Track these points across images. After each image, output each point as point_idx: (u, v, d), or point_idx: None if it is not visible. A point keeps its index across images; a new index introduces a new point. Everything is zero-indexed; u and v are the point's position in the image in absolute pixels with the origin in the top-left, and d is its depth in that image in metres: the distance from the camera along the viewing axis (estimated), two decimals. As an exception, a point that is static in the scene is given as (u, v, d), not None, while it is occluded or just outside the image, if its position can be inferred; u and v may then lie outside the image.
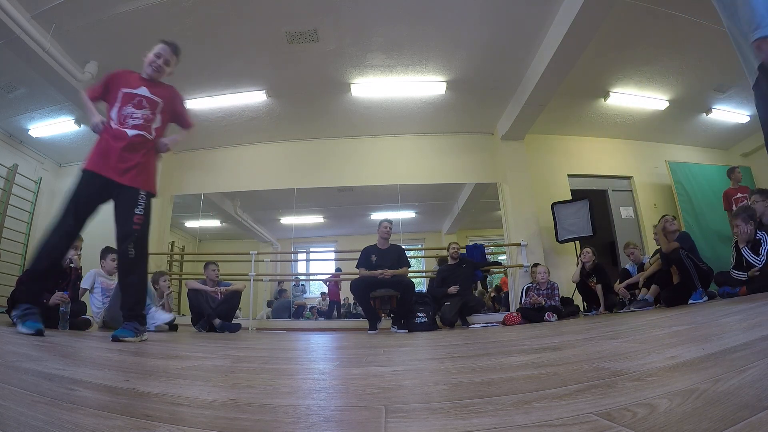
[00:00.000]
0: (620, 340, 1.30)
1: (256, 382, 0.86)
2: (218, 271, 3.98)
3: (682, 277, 3.39)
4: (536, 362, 1.00)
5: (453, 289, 4.31)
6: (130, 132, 2.14)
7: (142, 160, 2.15)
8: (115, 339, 1.87)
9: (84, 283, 3.44)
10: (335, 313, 6.26)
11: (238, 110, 5.21)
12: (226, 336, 3.13)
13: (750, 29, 1.37)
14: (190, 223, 6.68)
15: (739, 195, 4.85)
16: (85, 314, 3.23)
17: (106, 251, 3.66)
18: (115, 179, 2.06)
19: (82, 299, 3.31)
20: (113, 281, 3.57)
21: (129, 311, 2.02)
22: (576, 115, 5.57)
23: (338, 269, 6.88)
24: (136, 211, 2.06)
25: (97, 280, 3.50)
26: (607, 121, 5.71)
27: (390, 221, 4.17)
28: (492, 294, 6.36)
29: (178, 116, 2.40)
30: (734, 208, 4.84)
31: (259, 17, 3.70)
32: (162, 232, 5.76)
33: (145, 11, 3.51)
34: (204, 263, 4.01)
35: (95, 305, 3.42)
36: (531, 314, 4.11)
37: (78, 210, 2.00)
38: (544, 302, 4.19)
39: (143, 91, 2.22)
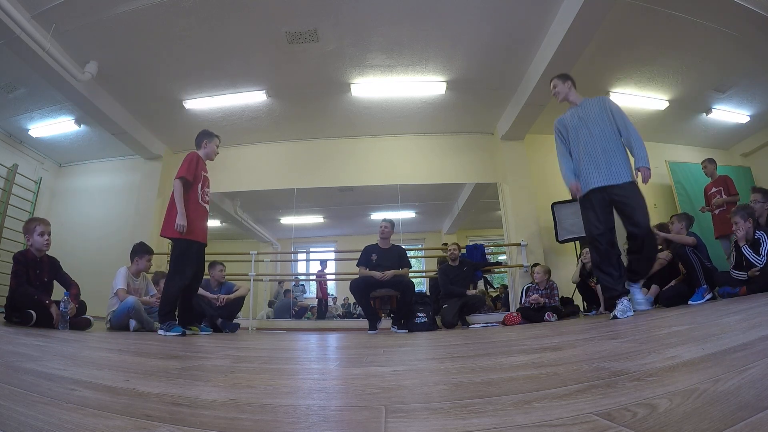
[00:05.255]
0: (620, 340, 1.30)
1: (256, 382, 0.86)
2: (224, 271, 3.98)
3: (686, 273, 3.38)
4: (536, 362, 1.00)
5: (473, 291, 4.36)
6: (207, 207, 3.14)
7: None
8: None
9: (120, 283, 3.31)
10: (324, 311, 6.25)
11: (238, 110, 5.21)
12: (226, 336, 3.13)
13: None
14: (190, 223, 6.66)
15: (713, 189, 4.64)
16: (85, 314, 3.22)
17: (144, 250, 3.54)
18: (203, 242, 3.08)
19: (82, 299, 3.28)
20: (138, 284, 3.52)
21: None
22: (576, 115, 5.57)
23: (323, 262, 6.88)
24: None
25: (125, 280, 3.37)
26: (607, 121, 5.70)
27: (389, 221, 4.14)
28: (493, 294, 6.36)
29: None
30: (711, 203, 4.65)
31: (259, 17, 3.70)
32: (162, 232, 5.76)
33: (145, 11, 3.51)
34: (209, 263, 3.99)
35: (111, 306, 3.31)
36: (531, 314, 4.11)
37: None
38: (544, 302, 4.18)
39: (206, 174, 3.19)
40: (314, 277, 6.85)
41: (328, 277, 6.65)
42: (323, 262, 6.96)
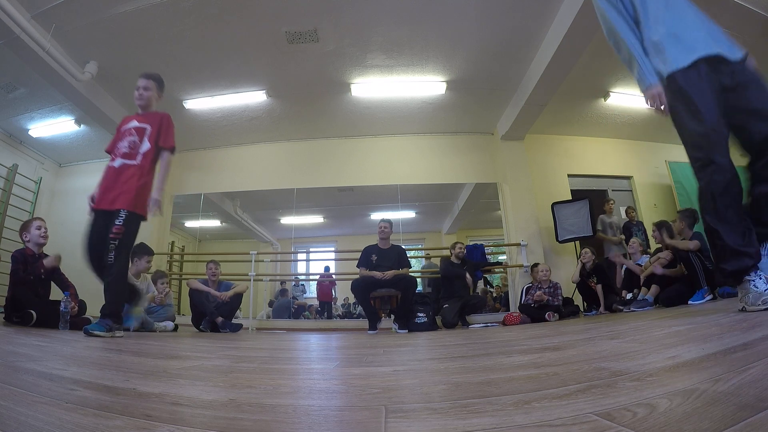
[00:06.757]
0: (620, 340, 1.30)
1: (256, 382, 0.86)
2: (219, 269, 3.96)
3: (688, 274, 3.38)
4: (536, 362, 0.99)
5: (469, 281, 4.40)
6: (117, 163, 2.41)
7: (125, 186, 2.34)
8: (87, 333, 2.06)
9: None
10: (326, 314, 6.25)
11: (238, 110, 5.21)
12: (226, 336, 3.13)
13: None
14: (190, 223, 6.68)
15: None
16: (85, 314, 3.23)
17: (143, 251, 3.53)
18: (105, 209, 2.32)
19: (82, 299, 3.27)
20: (139, 285, 3.52)
21: (102, 310, 2.20)
22: (576, 115, 5.57)
23: (326, 268, 6.88)
24: (116, 222, 2.24)
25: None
26: (607, 121, 5.71)
27: (388, 221, 4.15)
28: (494, 294, 6.37)
29: (160, 136, 2.47)
30: None
31: (259, 17, 3.70)
32: (162, 232, 5.76)
33: (145, 11, 3.51)
34: (206, 263, 3.99)
35: None
36: (532, 311, 4.11)
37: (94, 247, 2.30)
38: (547, 300, 4.17)
39: (132, 123, 2.49)
40: (317, 278, 6.84)
41: (335, 277, 6.65)
42: (326, 268, 6.96)
